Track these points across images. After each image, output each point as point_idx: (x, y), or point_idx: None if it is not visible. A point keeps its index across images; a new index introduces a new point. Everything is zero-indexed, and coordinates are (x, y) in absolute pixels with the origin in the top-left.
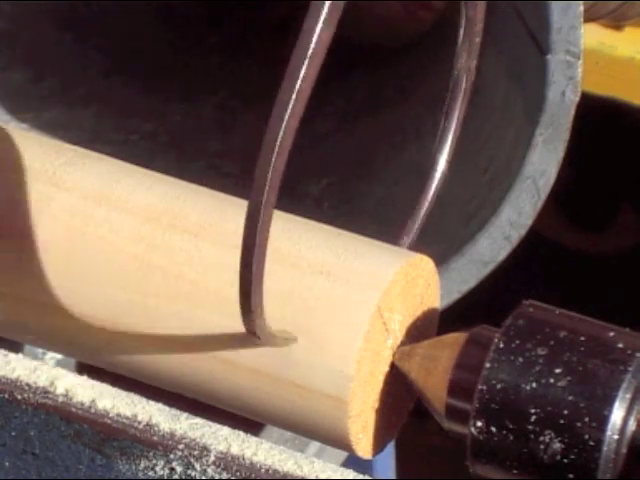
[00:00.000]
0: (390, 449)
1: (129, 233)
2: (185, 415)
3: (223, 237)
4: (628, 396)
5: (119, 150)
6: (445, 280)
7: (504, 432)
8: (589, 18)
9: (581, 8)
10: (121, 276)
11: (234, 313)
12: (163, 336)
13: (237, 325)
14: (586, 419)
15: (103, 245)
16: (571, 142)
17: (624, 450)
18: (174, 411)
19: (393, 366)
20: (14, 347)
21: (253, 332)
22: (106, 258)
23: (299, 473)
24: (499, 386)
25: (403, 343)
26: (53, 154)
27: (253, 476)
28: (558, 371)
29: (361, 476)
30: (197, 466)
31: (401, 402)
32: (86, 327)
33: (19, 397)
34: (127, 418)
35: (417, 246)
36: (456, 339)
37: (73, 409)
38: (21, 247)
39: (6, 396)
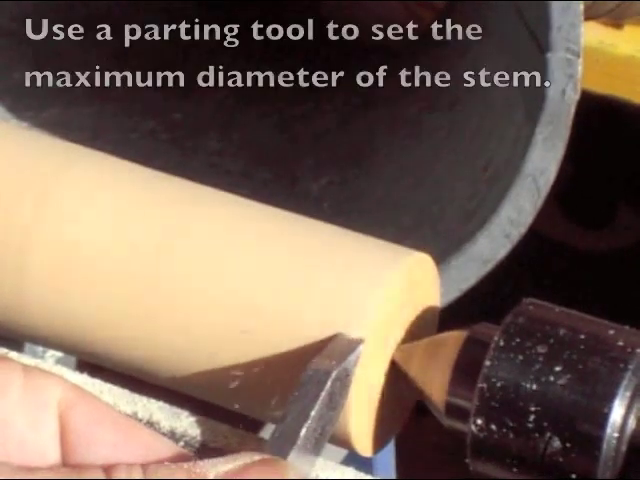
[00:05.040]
0: (390, 447)
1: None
2: (186, 413)
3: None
4: (628, 394)
5: (119, 148)
6: (445, 278)
7: (504, 430)
8: (589, 16)
9: (581, 6)
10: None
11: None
12: (164, 333)
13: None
14: (586, 417)
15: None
16: (571, 140)
17: (624, 448)
18: (175, 409)
19: (393, 364)
20: (14, 346)
21: None
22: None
23: None
24: (499, 384)
25: (403, 341)
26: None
27: None
28: (558, 369)
29: (361, 474)
30: None
31: (401, 400)
32: (87, 325)
33: None
34: (128, 416)
35: (417, 244)
36: (456, 337)
37: None
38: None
39: None
